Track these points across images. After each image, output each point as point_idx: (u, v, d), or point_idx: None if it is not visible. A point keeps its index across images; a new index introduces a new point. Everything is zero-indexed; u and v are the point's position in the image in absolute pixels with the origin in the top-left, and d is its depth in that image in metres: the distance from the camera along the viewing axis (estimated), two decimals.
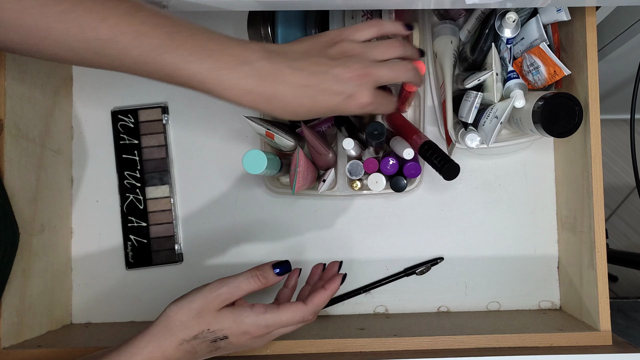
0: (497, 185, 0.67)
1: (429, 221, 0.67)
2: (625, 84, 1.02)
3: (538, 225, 0.67)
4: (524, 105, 0.56)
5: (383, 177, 0.59)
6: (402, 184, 0.59)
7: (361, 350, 0.55)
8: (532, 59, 0.57)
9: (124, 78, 0.68)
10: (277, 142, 0.57)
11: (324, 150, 0.57)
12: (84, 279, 0.67)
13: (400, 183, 0.59)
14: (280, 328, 0.48)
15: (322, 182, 0.59)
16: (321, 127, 0.60)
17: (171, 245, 0.67)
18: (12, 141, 0.55)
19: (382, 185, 0.59)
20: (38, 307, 0.60)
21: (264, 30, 0.58)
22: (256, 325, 0.46)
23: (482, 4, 0.48)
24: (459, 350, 0.54)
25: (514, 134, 0.62)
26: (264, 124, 0.56)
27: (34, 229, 0.59)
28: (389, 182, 0.60)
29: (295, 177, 0.54)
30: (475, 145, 0.57)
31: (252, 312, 0.46)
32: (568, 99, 0.52)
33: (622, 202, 1.45)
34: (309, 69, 0.44)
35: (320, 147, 0.56)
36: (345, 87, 0.44)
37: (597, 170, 0.55)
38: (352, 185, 0.62)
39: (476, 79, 0.57)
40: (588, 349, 0.54)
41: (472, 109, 0.57)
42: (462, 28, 0.62)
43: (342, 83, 0.44)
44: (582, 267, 0.59)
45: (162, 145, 0.68)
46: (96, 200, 0.68)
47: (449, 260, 0.67)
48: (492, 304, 0.67)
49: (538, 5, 0.52)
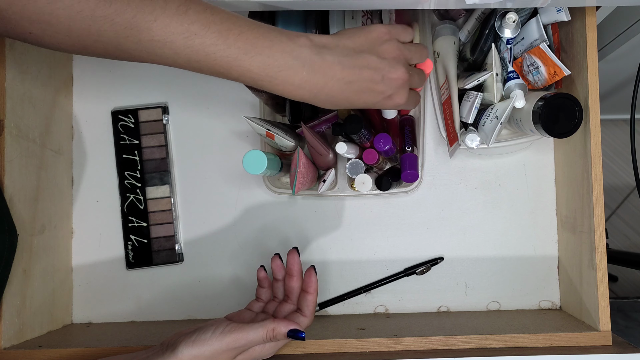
0: (497, 185, 0.67)
1: (429, 221, 0.67)
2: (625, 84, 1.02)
3: (538, 225, 0.67)
4: (524, 106, 0.56)
5: (369, 178, 0.59)
6: (387, 184, 0.59)
7: (361, 350, 0.55)
8: (532, 59, 0.57)
9: (125, 78, 0.68)
10: (278, 142, 0.57)
11: (324, 150, 0.57)
12: (84, 279, 0.67)
13: (386, 183, 0.59)
14: None
15: (322, 182, 0.59)
16: (321, 127, 0.60)
17: (171, 245, 0.67)
18: (12, 141, 0.55)
19: (369, 186, 0.59)
20: (39, 307, 0.60)
21: None
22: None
23: (482, 4, 0.48)
24: (459, 350, 0.54)
25: (514, 134, 0.62)
26: (264, 124, 0.56)
27: (35, 229, 0.59)
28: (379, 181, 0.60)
29: (295, 177, 0.55)
30: (476, 146, 0.57)
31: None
32: (568, 99, 0.52)
33: (622, 202, 1.46)
34: (359, 65, 0.46)
35: (321, 148, 0.56)
36: (388, 88, 0.48)
37: (597, 170, 0.55)
38: (352, 185, 0.62)
39: (476, 79, 0.57)
40: (588, 349, 0.54)
41: (472, 109, 0.57)
42: (462, 28, 0.62)
43: (386, 84, 0.47)
44: (582, 267, 0.59)
45: (163, 145, 0.68)
46: (96, 201, 0.68)
47: (449, 260, 0.67)
48: (492, 304, 0.67)
49: (538, 6, 0.52)
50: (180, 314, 0.67)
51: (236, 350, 0.48)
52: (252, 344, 0.48)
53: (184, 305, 0.67)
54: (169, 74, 0.68)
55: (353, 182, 0.61)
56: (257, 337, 0.48)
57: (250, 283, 0.67)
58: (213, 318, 0.67)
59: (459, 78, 0.60)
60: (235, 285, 0.67)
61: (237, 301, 0.67)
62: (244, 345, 0.48)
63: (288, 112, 0.58)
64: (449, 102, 0.59)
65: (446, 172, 0.67)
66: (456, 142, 0.59)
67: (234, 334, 0.47)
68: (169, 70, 0.51)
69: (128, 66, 0.68)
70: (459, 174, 0.67)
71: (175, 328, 0.63)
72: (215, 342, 0.47)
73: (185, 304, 0.67)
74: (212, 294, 0.67)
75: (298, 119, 0.58)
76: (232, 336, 0.47)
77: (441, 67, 0.61)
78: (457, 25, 0.63)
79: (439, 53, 0.62)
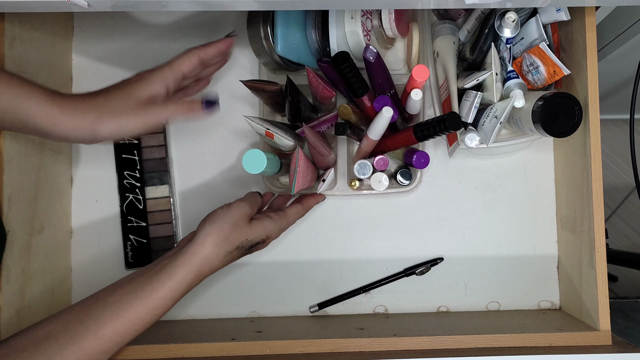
0: (497, 185, 0.67)
1: (428, 221, 0.67)
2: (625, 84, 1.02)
3: (538, 225, 0.67)
4: (523, 105, 0.56)
5: (386, 176, 0.59)
6: (408, 175, 0.61)
7: (361, 350, 0.55)
8: (532, 58, 0.57)
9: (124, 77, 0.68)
10: (277, 141, 0.57)
11: (326, 151, 0.57)
12: (83, 278, 0.67)
13: (406, 174, 0.61)
14: (289, 225, 0.58)
15: (321, 181, 0.59)
16: (321, 127, 0.60)
17: (171, 245, 0.67)
18: (11, 140, 0.55)
19: (386, 184, 0.59)
20: (38, 307, 0.60)
21: (264, 30, 0.59)
22: (278, 229, 0.56)
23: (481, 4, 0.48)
24: (458, 350, 0.54)
25: (513, 133, 0.62)
26: (263, 124, 0.56)
27: (34, 228, 0.59)
28: (397, 173, 0.61)
29: (295, 176, 0.54)
30: (475, 145, 0.57)
31: (272, 221, 0.55)
32: (568, 99, 0.52)
33: (622, 202, 1.45)
34: None
35: (322, 148, 0.56)
36: None
37: (596, 170, 0.55)
38: (351, 184, 0.62)
39: (476, 78, 0.57)
40: (588, 348, 0.54)
41: (472, 109, 0.57)
42: (461, 28, 0.62)
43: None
44: (581, 267, 0.59)
45: (162, 145, 0.68)
46: (96, 200, 0.68)
47: (449, 261, 0.67)
48: (491, 303, 0.67)
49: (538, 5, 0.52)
50: (180, 314, 0.67)
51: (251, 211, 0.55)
52: (257, 204, 0.56)
53: (183, 305, 0.67)
54: None
55: (352, 181, 0.61)
56: (255, 195, 0.57)
57: (249, 282, 0.67)
58: (211, 318, 0.67)
59: (459, 78, 0.60)
60: (234, 284, 0.67)
61: (234, 300, 0.67)
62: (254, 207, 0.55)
63: (288, 112, 0.58)
64: (448, 101, 0.59)
65: (446, 172, 0.67)
66: (455, 141, 0.59)
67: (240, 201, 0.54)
68: None
69: (127, 66, 0.68)
70: (459, 174, 0.67)
71: (173, 328, 0.63)
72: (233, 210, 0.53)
73: (184, 303, 0.67)
74: (210, 293, 0.67)
75: (298, 119, 0.58)
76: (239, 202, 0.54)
77: (441, 67, 0.61)
78: (456, 25, 0.63)
79: (438, 53, 0.62)
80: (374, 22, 0.60)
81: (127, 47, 0.68)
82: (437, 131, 0.51)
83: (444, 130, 0.51)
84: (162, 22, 0.68)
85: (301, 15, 0.59)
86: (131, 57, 0.68)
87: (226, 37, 0.57)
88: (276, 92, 0.57)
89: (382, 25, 0.60)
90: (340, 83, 0.57)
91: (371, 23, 0.60)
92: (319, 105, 0.61)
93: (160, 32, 0.68)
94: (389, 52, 0.67)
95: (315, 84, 0.56)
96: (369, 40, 0.61)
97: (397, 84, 0.61)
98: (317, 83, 0.56)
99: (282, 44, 0.59)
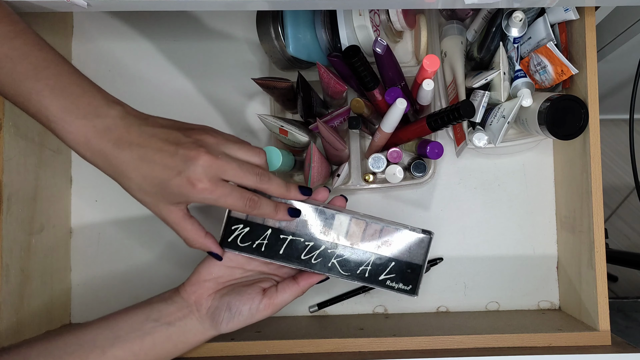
0: (497, 185, 0.67)
1: (428, 221, 0.67)
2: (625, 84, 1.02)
3: (537, 225, 0.67)
4: (530, 105, 0.56)
5: (400, 168, 0.59)
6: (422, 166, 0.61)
7: (360, 350, 0.55)
8: (540, 58, 0.57)
9: (124, 78, 0.68)
10: (291, 138, 0.57)
11: (341, 145, 0.56)
12: (83, 278, 0.67)
13: (420, 166, 0.61)
14: None
15: (336, 176, 0.59)
16: (333, 122, 0.60)
17: None
18: (10, 140, 0.55)
19: (402, 175, 0.59)
20: (37, 307, 0.60)
21: (274, 29, 0.58)
22: None
23: (481, 4, 0.48)
24: (457, 350, 0.54)
25: (520, 134, 0.62)
26: (277, 121, 0.56)
27: (33, 228, 0.59)
28: (410, 165, 0.61)
29: (310, 172, 0.54)
30: (483, 145, 0.57)
31: None
32: (574, 102, 0.52)
33: (622, 202, 1.45)
34: (158, 137, 0.43)
35: (337, 143, 0.56)
36: (178, 164, 0.42)
37: (596, 170, 0.55)
38: (365, 178, 0.62)
39: (484, 78, 0.56)
40: (587, 349, 0.54)
41: (480, 108, 0.56)
42: (469, 28, 0.62)
43: (177, 158, 0.42)
44: (581, 267, 0.59)
45: None
46: (95, 200, 0.68)
47: (449, 261, 0.67)
48: (491, 304, 0.66)
49: (545, 5, 0.52)
50: None
51: None
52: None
53: None
54: None
55: (367, 175, 0.61)
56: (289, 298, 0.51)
57: None
58: None
59: (466, 77, 0.60)
60: None
61: None
62: None
63: (300, 108, 0.58)
64: (456, 101, 0.59)
65: (445, 172, 0.67)
66: (464, 141, 0.59)
67: (271, 309, 0.50)
68: None
69: (128, 66, 0.68)
70: (459, 174, 0.67)
71: None
72: (255, 318, 0.50)
73: None
74: None
75: (310, 115, 0.58)
76: (269, 311, 0.50)
77: (448, 67, 0.61)
78: (464, 25, 0.63)
79: (446, 53, 0.62)
80: (381, 16, 0.60)
81: (127, 47, 0.68)
82: (451, 119, 0.51)
83: (458, 118, 0.50)
84: (163, 22, 0.68)
85: (309, 14, 0.59)
86: (131, 57, 0.68)
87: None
88: (287, 88, 0.57)
89: (389, 19, 0.60)
90: (351, 77, 0.57)
91: (379, 18, 0.60)
92: (330, 100, 0.61)
93: (160, 32, 0.68)
94: (397, 46, 0.67)
95: (327, 78, 0.56)
96: (379, 35, 0.60)
97: (407, 76, 0.60)
98: (329, 78, 0.55)
99: (293, 44, 0.58)
